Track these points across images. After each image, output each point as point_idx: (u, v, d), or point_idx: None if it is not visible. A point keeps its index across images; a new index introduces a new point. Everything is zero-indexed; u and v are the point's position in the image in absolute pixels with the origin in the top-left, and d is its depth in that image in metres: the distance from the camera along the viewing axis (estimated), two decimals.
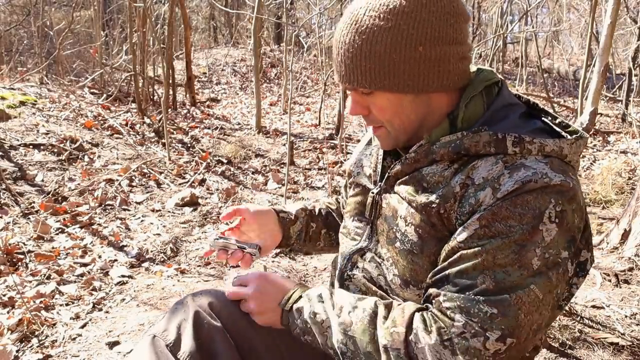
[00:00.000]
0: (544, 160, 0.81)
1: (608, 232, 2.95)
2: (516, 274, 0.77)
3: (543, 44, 12.68)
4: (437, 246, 0.87)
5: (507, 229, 0.77)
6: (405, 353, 0.81)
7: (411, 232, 0.89)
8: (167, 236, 2.98)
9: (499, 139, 0.83)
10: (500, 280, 0.77)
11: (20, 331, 1.94)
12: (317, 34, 8.74)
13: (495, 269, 0.78)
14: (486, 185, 0.81)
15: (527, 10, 7.66)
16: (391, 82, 0.86)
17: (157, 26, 6.66)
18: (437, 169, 0.88)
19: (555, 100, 7.63)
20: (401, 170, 0.94)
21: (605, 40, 2.38)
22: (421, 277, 0.89)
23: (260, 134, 5.83)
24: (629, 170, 4.20)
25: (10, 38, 9.27)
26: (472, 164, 0.84)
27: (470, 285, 0.79)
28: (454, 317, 0.79)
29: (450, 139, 0.87)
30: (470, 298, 0.78)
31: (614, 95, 7.98)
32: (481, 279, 0.78)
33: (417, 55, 0.84)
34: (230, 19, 13.56)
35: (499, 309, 0.76)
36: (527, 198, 0.77)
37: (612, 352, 1.92)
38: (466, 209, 0.82)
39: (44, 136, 4.06)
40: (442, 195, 0.85)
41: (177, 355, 0.92)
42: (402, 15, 0.83)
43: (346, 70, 0.89)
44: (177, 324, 0.96)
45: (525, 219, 0.77)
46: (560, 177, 0.79)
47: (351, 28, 0.86)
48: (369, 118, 0.95)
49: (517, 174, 0.79)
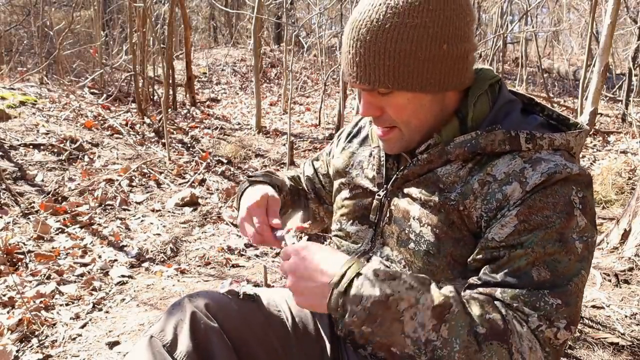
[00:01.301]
0: (557, 153, 0.85)
1: (608, 232, 2.95)
2: (565, 259, 0.79)
3: (543, 44, 12.68)
4: (455, 247, 0.87)
5: (545, 219, 0.79)
6: (504, 340, 0.75)
7: (427, 233, 0.89)
8: (167, 236, 2.98)
9: (513, 137, 0.85)
10: (554, 268, 0.79)
11: (20, 331, 1.94)
12: (317, 34, 8.73)
13: (545, 258, 0.79)
14: (511, 180, 0.82)
15: (527, 10, 7.66)
16: (414, 81, 0.85)
17: (157, 26, 6.66)
18: (452, 169, 0.89)
19: (555, 100, 7.63)
20: (412, 172, 0.92)
21: (605, 40, 2.38)
22: (438, 278, 0.89)
23: (260, 134, 5.83)
24: (629, 170, 4.20)
25: (10, 38, 9.26)
26: (491, 162, 0.86)
27: (528, 281, 0.79)
28: (524, 310, 0.79)
29: (465, 138, 0.87)
30: (533, 292, 0.78)
31: (614, 95, 7.98)
32: (536, 272, 0.79)
33: (442, 53, 0.84)
34: (230, 19, 13.57)
35: (562, 299, 0.78)
36: (555, 188, 0.80)
37: (612, 352, 1.92)
38: (493, 205, 0.83)
39: (44, 136, 4.06)
40: (461, 192, 0.86)
41: (174, 356, 0.92)
42: (427, 13, 0.82)
43: (365, 70, 0.85)
44: (174, 324, 0.96)
45: (558, 207, 0.80)
46: (577, 167, 0.82)
47: (372, 25, 0.83)
48: (382, 119, 0.92)
49: (540, 167, 0.81)
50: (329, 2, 7.03)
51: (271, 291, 1.15)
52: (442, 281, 0.88)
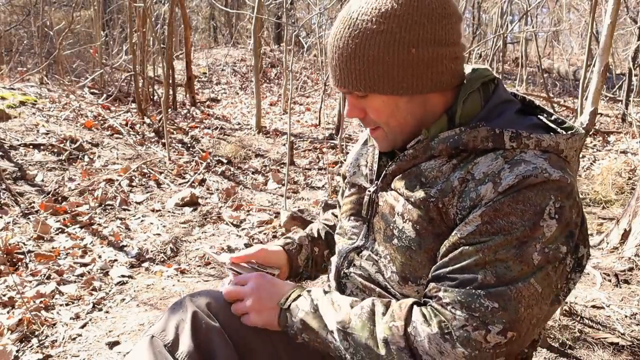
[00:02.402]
0: (543, 155, 0.82)
1: (608, 232, 2.95)
2: (517, 268, 0.78)
3: (543, 44, 12.68)
4: (435, 242, 0.87)
5: (509, 225, 0.78)
6: (405, 346, 0.82)
7: (409, 229, 0.90)
8: (167, 236, 2.98)
9: (497, 134, 0.84)
10: (501, 274, 0.78)
11: (20, 331, 1.94)
12: (317, 34, 8.74)
13: (496, 263, 0.79)
14: (487, 180, 0.82)
15: (527, 10, 7.66)
16: (385, 85, 0.88)
17: (157, 26, 6.66)
18: (436, 164, 0.90)
19: (555, 100, 7.63)
20: (399, 167, 0.94)
21: (605, 40, 2.38)
22: (419, 273, 0.90)
23: (260, 134, 5.83)
24: (629, 170, 4.20)
25: (10, 38, 9.27)
26: (474, 161, 0.85)
27: (471, 280, 0.80)
28: (455, 311, 0.79)
29: (448, 134, 0.88)
30: (471, 292, 0.79)
31: (614, 95, 7.98)
32: (482, 273, 0.79)
33: (410, 57, 0.85)
34: (230, 19, 13.57)
35: (499, 303, 0.77)
36: (528, 194, 0.78)
37: (612, 352, 1.92)
38: (467, 204, 0.83)
39: (44, 136, 4.06)
40: (441, 189, 0.86)
41: (175, 355, 0.93)
42: (394, 19, 0.84)
43: (340, 74, 0.90)
44: (175, 324, 0.97)
45: (526, 215, 0.78)
46: (559, 173, 0.80)
47: (344, 32, 0.88)
48: (366, 120, 0.96)
49: (517, 169, 0.80)
50: (329, 2, 7.03)
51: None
52: (424, 277, 0.89)
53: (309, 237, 1.26)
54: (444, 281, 0.83)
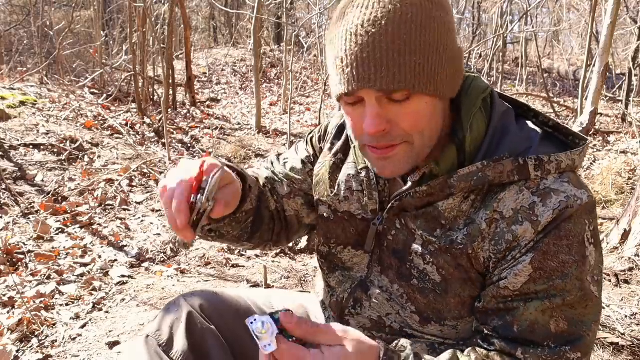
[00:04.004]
0: (564, 178, 0.77)
1: (608, 232, 2.95)
2: (584, 306, 0.77)
3: (543, 44, 12.68)
4: (463, 287, 0.83)
5: (562, 265, 0.75)
6: None
7: (432, 272, 0.83)
8: (167, 236, 2.98)
9: (522, 165, 0.76)
10: (571, 318, 0.76)
11: (20, 331, 1.94)
12: (317, 34, 8.74)
13: (562, 308, 0.76)
14: (521, 219, 0.76)
15: (527, 10, 7.67)
16: (437, 82, 0.73)
17: (157, 26, 6.66)
18: (455, 203, 0.81)
19: (555, 100, 7.63)
20: (410, 203, 0.84)
21: (605, 40, 2.38)
22: (445, 315, 0.85)
23: (260, 134, 5.83)
24: (629, 170, 4.20)
25: (10, 38, 9.27)
26: (496, 197, 0.78)
27: (546, 333, 0.76)
28: None
29: (470, 170, 0.78)
30: (555, 351, 0.76)
31: (614, 95, 7.98)
32: (554, 323, 0.76)
33: (455, 51, 0.76)
34: (230, 19, 13.56)
35: (582, 351, 0.77)
36: (568, 227, 0.75)
37: (612, 352, 1.92)
38: (503, 247, 0.77)
39: (44, 136, 4.06)
40: (468, 234, 0.79)
41: (170, 355, 0.93)
42: (439, 7, 0.73)
43: (389, 69, 0.70)
44: (170, 324, 0.96)
45: (574, 250, 0.75)
46: (585, 194, 0.77)
47: (391, 16, 0.70)
48: (391, 134, 0.76)
49: (550, 202, 0.75)
50: (329, 2, 7.03)
51: (269, 292, 1.15)
52: (449, 319, 0.85)
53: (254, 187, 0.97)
54: (516, 343, 0.77)
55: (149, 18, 5.68)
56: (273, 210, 1.05)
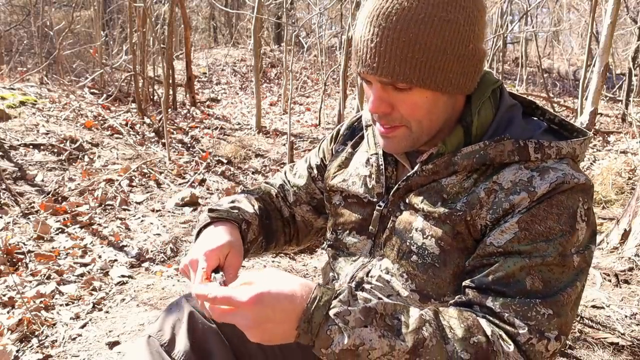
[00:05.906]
0: (564, 161, 0.83)
1: (608, 232, 2.95)
2: (561, 271, 0.78)
3: (543, 44, 12.68)
4: (460, 257, 0.85)
5: (548, 230, 0.78)
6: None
7: (431, 245, 0.86)
8: (167, 236, 2.98)
9: (522, 147, 0.82)
10: (548, 279, 0.78)
11: (20, 331, 1.94)
12: (317, 34, 8.74)
13: (541, 268, 0.78)
14: (519, 189, 0.80)
15: (527, 10, 7.67)
16: (438, 79, 0.80)
17: (157, 26, 6.66)
18: (457, 180, 0.86)
19: (555, 100, 7.63)
20: (415, 182, 0.89)
21: (605, 40, 2.38)
22: (443, 291, 0.87)
23: (260, 134, 5.83)
24: (629, 170, 4.20)
25: (10, 38, 9.27)
26: (496, 174, 0.83)
27: (520, 289, 0.78)
28: (514, 322, 0.77)
29: (473, 149, 0.84)
30: (524, 301, 0.77)
31: (614, 95, 7.98)
32: (529, 280, 0.78)
33: (467, 52, 0.81)
34: (230, 19, 13.56)
35: (554, 309, 0.77)
36: (561, 198, 0.79)
37: (612, 352, 1.92)
38: (499, 214, 0.81)
39: (44, 136, 4.06)
40: (467, 202, 0.83)
41: (172, 355, 0.93)
42: (460, 9, 0.79)
43: (390, 61, 0.78)
44: (172, 324, 0.97)
45: (562, 219, 0.79)
46: (583, 177, 0.81)
47: (404, 14, 0.77)
48: (391, 117, 0.85)
49: (547, 176, 0.80)
50: (329, 2, 7.03)
51: None
52: (448, 295, 0.86)
53: (255, 217, 1.06)
54: (490, 292, 0.80)
55: (149, 18, 5.68)
56: (287, 216, 1.17)
